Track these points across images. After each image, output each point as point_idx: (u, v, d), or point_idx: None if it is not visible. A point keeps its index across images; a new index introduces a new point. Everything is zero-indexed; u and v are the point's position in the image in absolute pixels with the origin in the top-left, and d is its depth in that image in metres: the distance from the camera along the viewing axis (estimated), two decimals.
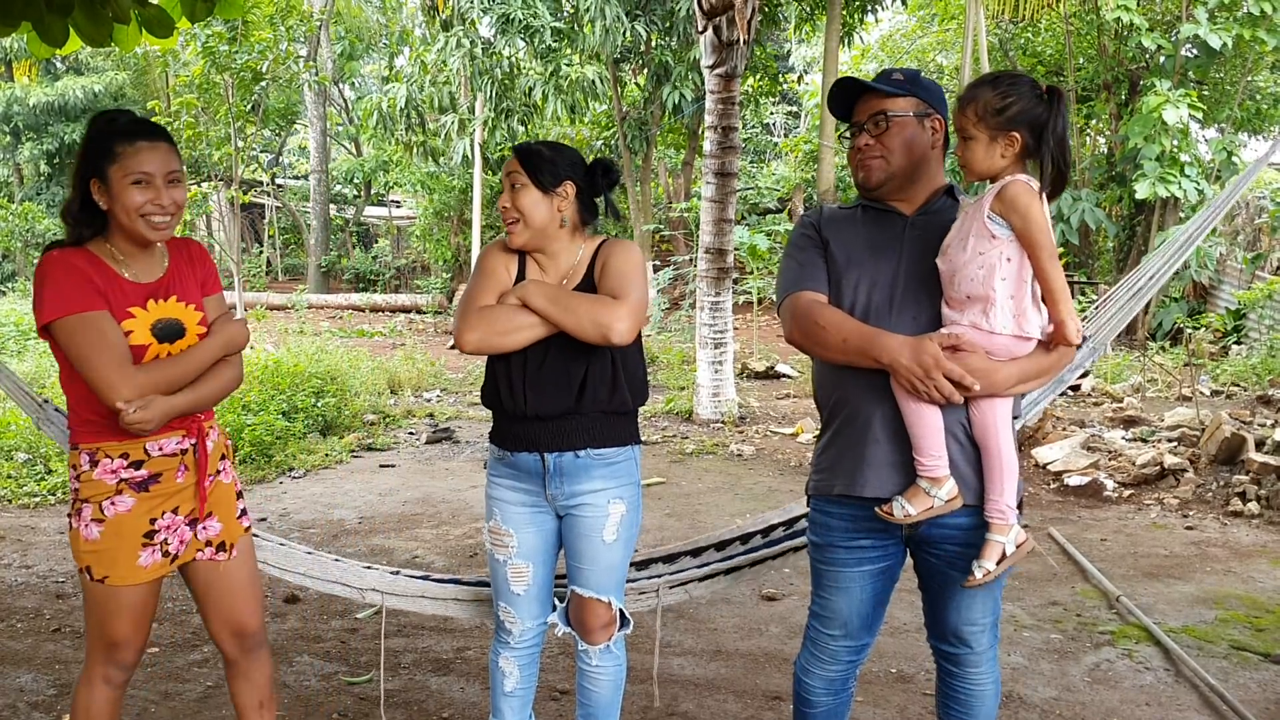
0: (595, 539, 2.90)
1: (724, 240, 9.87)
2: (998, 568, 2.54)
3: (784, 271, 2.79)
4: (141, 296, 2.65)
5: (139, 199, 2.57)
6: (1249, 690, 4.21)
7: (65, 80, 23.76)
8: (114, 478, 2.65)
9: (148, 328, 2.62)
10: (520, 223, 2.85)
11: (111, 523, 2.64)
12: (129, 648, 2.75)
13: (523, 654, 3.05)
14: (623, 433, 2.93)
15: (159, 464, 2.69)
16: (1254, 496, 6.94)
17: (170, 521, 2.71)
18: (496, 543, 2.99)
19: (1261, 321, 13.44)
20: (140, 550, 2.67)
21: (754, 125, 24.21)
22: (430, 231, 21.53)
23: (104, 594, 2.68)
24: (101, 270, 2.61)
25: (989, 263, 2.41)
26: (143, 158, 2.57)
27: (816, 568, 2.81)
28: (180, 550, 2.75)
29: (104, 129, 2.61)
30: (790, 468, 8.37)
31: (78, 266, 2.58)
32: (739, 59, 9.44)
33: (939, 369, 2.42)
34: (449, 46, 16.20)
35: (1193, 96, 13.93)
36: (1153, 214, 15.33)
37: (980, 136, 2.44)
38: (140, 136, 2.59)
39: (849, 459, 2.63)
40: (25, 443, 8.00)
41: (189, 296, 2.75)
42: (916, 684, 4.24)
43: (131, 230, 2.61)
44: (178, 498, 2.73)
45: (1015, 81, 2.44)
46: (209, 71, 13.84)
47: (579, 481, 2.88)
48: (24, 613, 4.95)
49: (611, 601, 2.98)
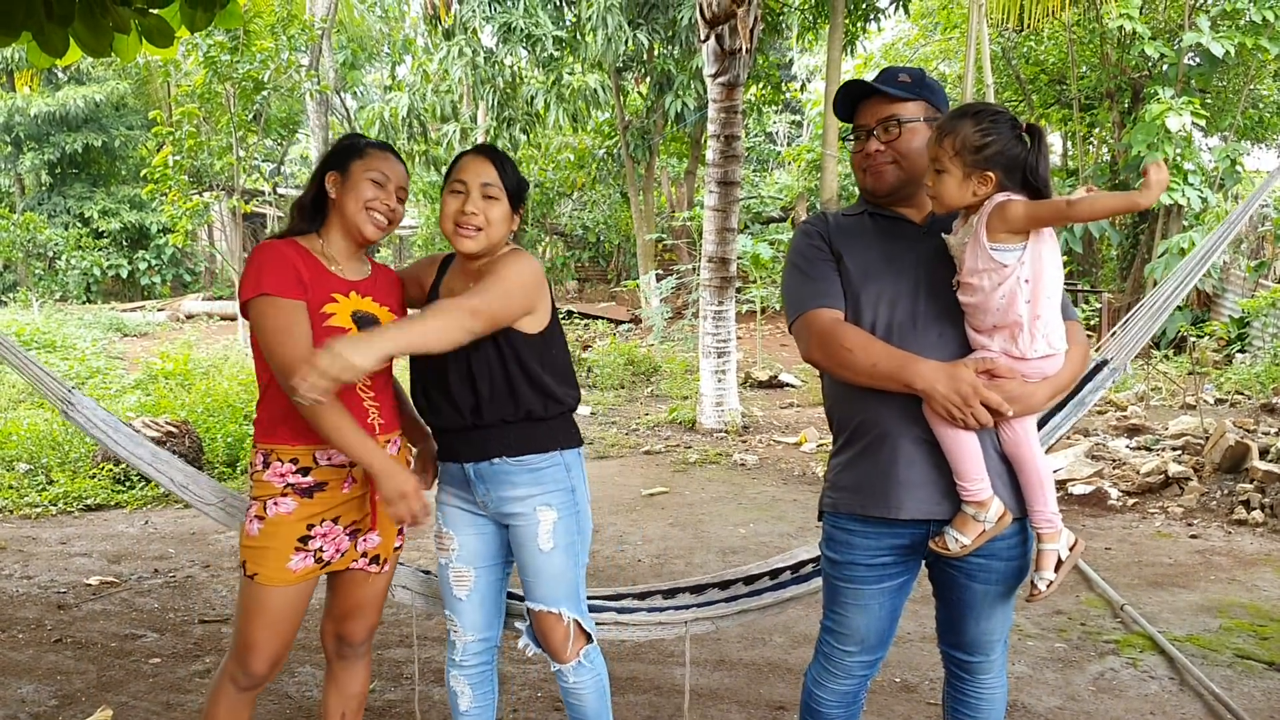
0: (531, 547, 2.85)
1: (727, 249, 9.86)
2: (1059, 575, 2.52)
3: (793, 284, 2.68)
4: (345, 288, 2.78)
5: (371, 193, 2.75)
6: (1254, 699, 4.18)
7: (66, 90, 23.82)
8: (281, 480, 2.72)
9: (349, 314, 2.74)
10: (484, 232, 2.75)
11: (271, 522, 2.72)
12: (261, 654, 2.77)
13: (472, 673, 3.00)
14: (544, 439, 2.85)
15: (326, 473, 2.75)
16: (1258, 505, 6.92)
17: (328, 530, 2.78)
18: (439, 546, 2.98)
19: (1265, 330, 13.42)
20: (293, 554, 2.73)
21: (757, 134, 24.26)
22: (432, 241, 21.59)
23: (251, 591, 2.74)
24: (309, 262, 2.73)
25: (1008, 291, 2.35)
26: (387, 163, 2.80)
27: (833, 584, 2.74)
28: (335, 558, 2.82)
29: (358, 139, 2.85)
30: (794, 477, 8.35)
31: (286, 255, 2.69)
32: (741, 68, 9.45)
33: (978, 397, 2.37)
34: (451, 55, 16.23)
35: (1195, 104, 13.95)
36: (1156, 222, 15.35)
37: (954, 172, 2.37)
38: (390, 150, 2.84)
39: (879, 480, 2.56)
40: (27, 453, 8.00)
41: (386, 300, 2.87)
42: (921, 693, 4.22)
43: (353, 222, 2.77)
44: (340, 508, 2.78)
45: (996, 118, 2.37)
46: (210, 81, 13.88)
47: (502, 488, 2.84)
48: (25, 623, 4.93)
49: (563, 613, 2.91)
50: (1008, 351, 2.40)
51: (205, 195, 15.96)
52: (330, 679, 3.08)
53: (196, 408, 9.09)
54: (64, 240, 23.15)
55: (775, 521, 7.00)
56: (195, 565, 5.91)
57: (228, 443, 8.20)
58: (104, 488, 7.44)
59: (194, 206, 14.96)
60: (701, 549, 6.30)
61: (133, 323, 18.96)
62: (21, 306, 19.64)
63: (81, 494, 7.33)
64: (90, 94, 23.59)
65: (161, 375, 11.16)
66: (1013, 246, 2.35)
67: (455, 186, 2.78)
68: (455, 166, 2.82)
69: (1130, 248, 16.25)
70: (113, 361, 13.84)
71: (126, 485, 7.53)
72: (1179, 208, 14.45)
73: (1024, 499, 2.53)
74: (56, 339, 14.68)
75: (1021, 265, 2.35)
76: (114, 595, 5.37)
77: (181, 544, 6.35)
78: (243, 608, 2.77)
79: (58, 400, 3.25)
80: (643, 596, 3.62)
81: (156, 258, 24.51)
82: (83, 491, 7.35)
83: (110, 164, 25.35)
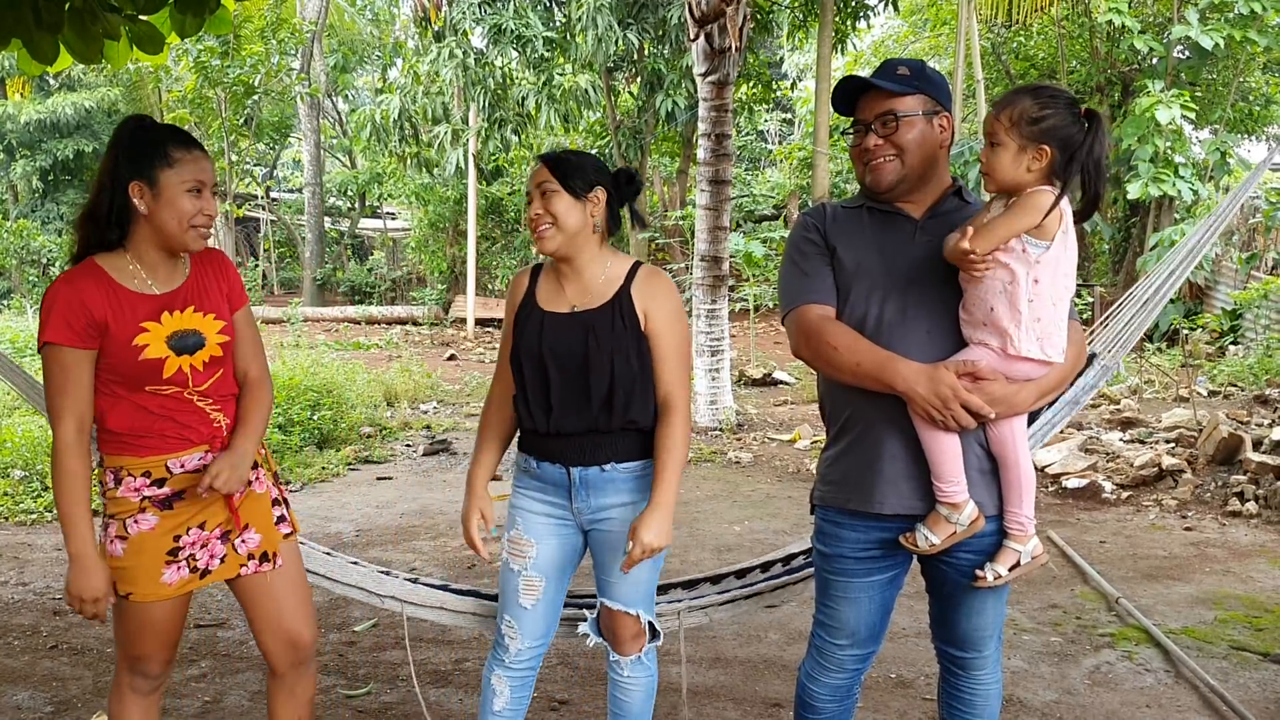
0: (623, 552, 2.85)
1: (720, 248, 9.87)
2: (1009, 574, 2.53)
3: (787, 278, 2.69)
4: (155, 309, 2.58)
5: (192, 207, 2.53)
6: (1249, 690, 4.20)
7: (57, 97, 23.74)
8: (137, 495, 2.63)
9: (163, 340, 2.57)
10: (554, 226, 2.77)
11: (134, 540, 2.62)
12: (153, 661, 2.74)
13: (516, 675, 2.99)
14: (646, 445, 2.87)
15: (181, 481, 2.65)
16: (1252, 496, 6.94)
17: (196, 537, 2.67)
18: (514, 552, 2.93)
19: (1257, 321, 13.45)
20: (164, 567, 2.63)
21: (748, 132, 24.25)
22: (425, 243, 21.54)
23: (128, 610, 2.66)
24: (109, 289, 2.54)
25: (1017, 281, 2.35)
26: (201, 166, 2.55)
27: (824, 577, 2.76)
28: (213, 565, 2.71)
29: (152, 133, 2.55)
30: (789, 474, 8.36)
31: (78, 295, 2.51)
32: (731, 66, 9.45)
33: (957, 399, 2.37)
34: (442, 57, 16.21)
35: (1185, 97, 13.98)
36: (1148, 215, 15.39)
37: (1010, 144, 2.36)
38: (194, 145, 2.58)
39: (863, 474, 2.58)
40: (21, 459, 7.98)
41: (208, 306, 2.67)
42: (916, 689, 4.23)
43: (174, 238, 2.55)
44: (204, 513, 2.68)
45: (1056, 95, 2.37)
46: (201, 86, 13.87)
47: (605, 495, 2.84)
48: (21, 630, 4.93)
49: (640, 614, 2.94)
50: (1003, 347, 2.39)
51: None
52: (280, 689, 2.90)
53: None
54: (57, 247, 23.10)
55: (770, 519, 7.01)
56: None
57: None
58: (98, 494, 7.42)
59: None
60: (696, 547, 6.31)
61: None
62: (15, 313, 19.58)
63: None
64: (81, 100, 23.49)
65: None
66: (1042, 241, 2.35)
67: (529, 196, 2.84)
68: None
69: (1122, 241, 16.29)
70: None
71: None
72: (1170, 200, 14.48)
73: (1003, 497, 2.55)
74: None
75: (1037, 265, 2.34)
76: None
77: None
78: (123, 626, 2.70)
79: None
80: None
81: None
82: None
83: None
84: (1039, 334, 2.39)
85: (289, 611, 2.83)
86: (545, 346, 2.80)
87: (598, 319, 2.80)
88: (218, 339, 2.67)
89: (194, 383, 2.63)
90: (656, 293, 2.84)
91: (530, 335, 2.83)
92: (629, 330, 2.79)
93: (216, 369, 2.68)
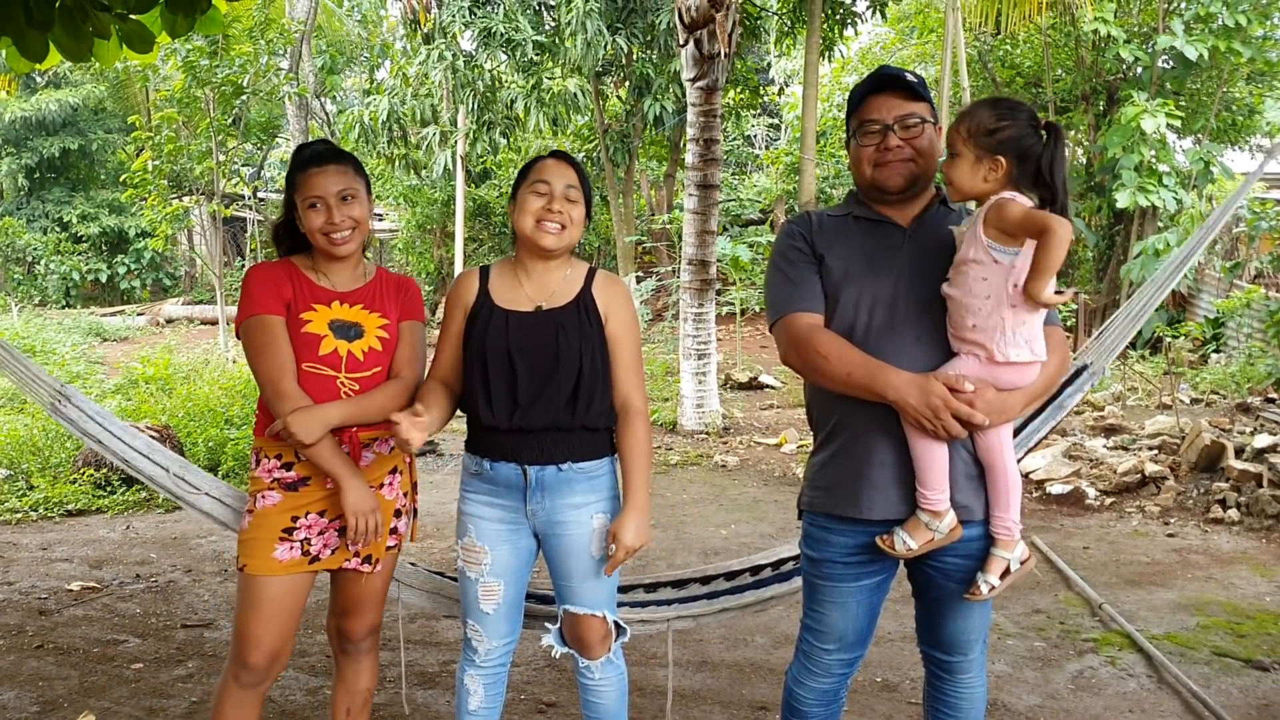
0: (584, 556, 2.87)
1: (707, 252, 9.90)
2: (1002, 583, 2.56)
3: (774, 286, 2.71)
4: (328, 298, 2.90)
5: (315, 221, 2.83)
6: (1231, 696, 4.23)
7: (42, 94, 23.61)
8: (268, 475, 2.86)
9: (326, 322, 2.85)
10: (567, 231, 2.86)
11: (259, 514, 2.85)
12: (257, 647, 2.83)
13: (488, 673, 3.01)
14: (602, 445, 2.91)
15: (307, 468, 2.84)
16: (1234, 503, 6.99)
17: (313, 522, 2.86)
18: (469, 559, 2.93)
19: (1240, 330, 13.53)
20: (278, 543, 2.82)
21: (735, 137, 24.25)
22: (413, 244, 21.48)
23: (244, 583, 2.84)
24: (296, 277, 2.89)
25: (995, 290, 2.37)
26: (313, 183, 2.84)
27: (811, 582, 2.77)
28: (324, 554, 2.88)
29: (293, 161, 2.92)
30: (774, 478, 8.39)
31: (271, 274, 2.88)
32: (720, 72, 9.49)
33: (947, 409, 2.39)
34: (430, 59, 16.18)
35: (1170, 106, 14.05)
36: (1132, 223, 15.45)
37: (966, 154, 2.42)
38: (312, 164, 2.87)
39: (852, 480, 2.60)
40: (6, 458, 7.96)
41: (376, 307, 2.95)
42: (902, 693, 4.26)
43: (317, 247, 2.89)
44: (324, 501, 2.86)
45: (1015, 108, 2.41)
46: (190, 86, 13.81)
47: (560, 496, 2.85)
48: (6, 629, 4.91)
49: (606, 615, 2.95)
50: (990, 357, 2.41)
51: (185, 200, 15.88)
52: (337, 676, 3.19)
53: (178, 412, 9.04)
54: (43, 245, 23.00)
55: (756, 522, 7.03)
56: (177, 570, 5.90)
57: (209, 447, 8.17)
58: (85, 493, 7.40)
59: (174, 211, 14.88)
60: (683, 550, 6.33)
61: (112, 327, 18.83)
62: (0, 311, 19.50)
63: (62, 499, 7.29)
64: (67, 98, 23.39)
65: (142, 380, 11.08)
66: (1010, 247, 2.37)
67: (538, 187, 2.87)
68: (535, 168, 2.91)
69: (1106, 248, 16.34)
70: (93, 366, 13.74)
71: (108, 490, 7.50)
72: (1154, 209, 14.54)
73: (989, 502, 2.57)
74: (36, 344, 14.56)
75: (1014, 270, 2.36)
76: (95, 601, 5.35)
77: (163, 549, 6.33)
78: (238, 601, 2.87)
79: (48, 397, 3.24)
80: (625, 590, 3.65)
81: (136, 262, 24.33)
82: (63, 497, 7.31)
83: (89, 168, 25.17)
84: (1027, 336, 2.41)
85: (364, 611, 3.08)
86: (512, 343, 2.82)
87: (565, 317, 2.85)
88: (377, 333, 2.92)
89: (348, 369, 2.85)
90: (616, 297, 2.94)
91: (494, 333, 2.84)
92: (594, 329, 2.86)
93: (375, 364, 2.90)
